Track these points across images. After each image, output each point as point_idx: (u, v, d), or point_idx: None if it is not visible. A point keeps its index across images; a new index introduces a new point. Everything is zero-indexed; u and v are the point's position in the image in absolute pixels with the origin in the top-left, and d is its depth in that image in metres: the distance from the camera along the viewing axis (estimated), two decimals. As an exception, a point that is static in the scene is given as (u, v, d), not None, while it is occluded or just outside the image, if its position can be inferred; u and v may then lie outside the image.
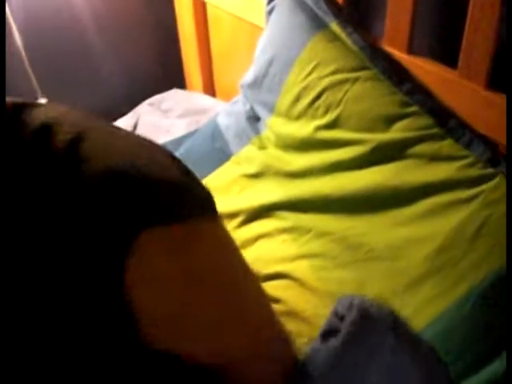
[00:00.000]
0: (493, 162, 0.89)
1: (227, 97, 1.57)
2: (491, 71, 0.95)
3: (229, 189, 1.14)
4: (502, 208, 0.84)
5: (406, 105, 0.98)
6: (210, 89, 1.70)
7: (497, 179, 0.87)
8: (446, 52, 1.03)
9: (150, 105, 1.64)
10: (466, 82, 0.97)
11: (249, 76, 1.24)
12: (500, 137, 0.94)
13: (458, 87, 0.99)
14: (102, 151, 0.54)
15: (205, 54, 1.64)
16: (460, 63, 0.98)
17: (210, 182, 1.18)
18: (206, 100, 1.62)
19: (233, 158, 1.20)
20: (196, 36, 1.61)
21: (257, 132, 1.20)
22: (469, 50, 0.95)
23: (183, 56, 1.72)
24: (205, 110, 1.52)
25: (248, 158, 1.18)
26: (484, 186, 0.87)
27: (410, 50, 1.06)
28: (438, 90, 1.02)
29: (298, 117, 1.10)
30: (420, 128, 0.95)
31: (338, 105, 1.03)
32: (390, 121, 0.98)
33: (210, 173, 1.20)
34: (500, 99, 0.94)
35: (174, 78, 1.79)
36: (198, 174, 1.27)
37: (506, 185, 0.83)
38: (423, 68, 1.04)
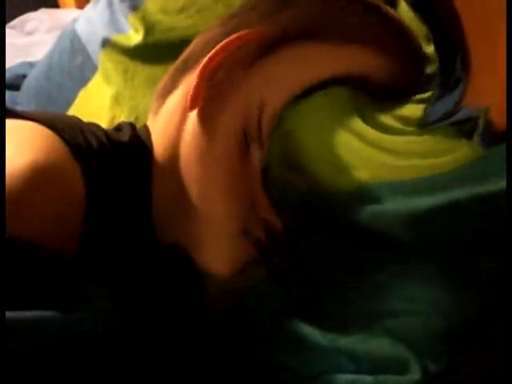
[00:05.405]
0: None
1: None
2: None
3: (100, 116, 0.89)
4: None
5: None
6: (83, 2, 1.41)
7: None
8: None
9: (12, 28, 1.34)
10: None
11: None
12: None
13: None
14: None
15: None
16: None
17: (80, 107, 0.92)
18: (76, 13, 1.33)
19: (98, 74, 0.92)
20: None
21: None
22: None
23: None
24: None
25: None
26: None
27: None
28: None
29: (182, 10, 0.83)
30: None
31: None
32: None
33: (76, 95, 0.93)
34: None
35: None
36: (63, 100, 1.00)
37: (506, 179, 0.64)
38: None
